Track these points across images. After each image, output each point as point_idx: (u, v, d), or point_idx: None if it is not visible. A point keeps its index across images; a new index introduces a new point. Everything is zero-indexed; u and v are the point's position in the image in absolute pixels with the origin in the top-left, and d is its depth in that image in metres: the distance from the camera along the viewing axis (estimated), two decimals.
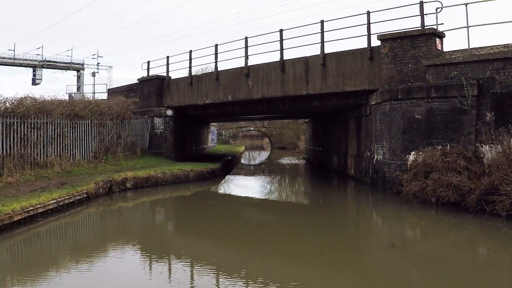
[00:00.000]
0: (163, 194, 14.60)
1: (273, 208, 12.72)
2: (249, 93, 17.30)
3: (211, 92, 18.99)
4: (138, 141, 20.81)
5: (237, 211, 12.07)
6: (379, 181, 13.79)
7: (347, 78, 14.62)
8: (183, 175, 15.67)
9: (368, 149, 15.25)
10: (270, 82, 16.55)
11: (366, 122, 15.60)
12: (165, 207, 12.87)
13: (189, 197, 14.58)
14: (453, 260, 6.69)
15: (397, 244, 7.44)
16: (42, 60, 51.46)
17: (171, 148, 21.37)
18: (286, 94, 16.12)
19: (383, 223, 10.50)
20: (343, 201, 14.21)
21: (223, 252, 7.48)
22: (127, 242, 8.29)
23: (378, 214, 11.52)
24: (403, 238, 8.48)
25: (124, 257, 7.15)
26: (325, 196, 14.79)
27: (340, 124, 20.36)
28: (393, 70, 13.25)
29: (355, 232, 9.56)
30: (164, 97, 21.66)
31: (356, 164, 16.91)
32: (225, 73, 18.38)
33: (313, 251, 7.39)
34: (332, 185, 17.97)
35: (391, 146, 12.87)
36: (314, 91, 15.34)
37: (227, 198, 14.60)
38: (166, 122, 21.31)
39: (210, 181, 17.03)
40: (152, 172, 14.77)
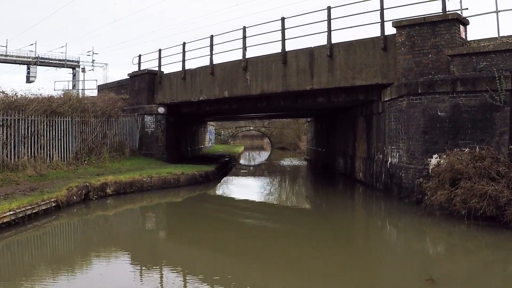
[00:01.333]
0: (150, 200, 12.95)
1: (272, 219, 11.05)
2: (247, 89, 15.65)
3: (205, 88, 17.34)
4: (127, 141, 19.16)
5: (233, 222, 10.41)
6: (393, 187, 12.13)
7: (357, 71, 12.96)
8: (172, 179, 14.01)
9: (380, 151, 13.59)
10: (270, 76, 14.90)
11: (377, 121, 13.94)
12: (151, 216, 11.21)
13: (179, 204, 12.93)
14: None
15: (436, 278, 5.63)
16: (35, 57, 49.82)
17: (163, 149, 19.71)
18: (288, 89, 14.46)
19: (406, 240, 8.81)
20: (352, 210, 12.56)
21: (219, 268, 5.84)
22: (98, 259, 6.65)
23: (397, 228, 9.86)
24: (441, 268, 6.54)
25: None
26: (331, 203, 13.14)
27: (347, 123, 18.70)
28: (410, 61, 11.62)
29: (372, 251, 7.91)
30: (156, 93, 20.01)
31: (366, 167, 15.25)
32: (221, 66, 16.73)
33: (322, 271, 5.76)
34: (338, 191, 16.31)
35: (409, 148, 11.22)
36: (319, 85, 13.68)
37: (222, 206, 12.94)
38: (157, 121, 19.66)
39: (203, 185, 15.37)
40: (137, 176, 13.11)
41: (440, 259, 7.31)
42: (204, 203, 12.99)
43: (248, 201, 13.85)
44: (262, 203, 13.50)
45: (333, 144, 21.88)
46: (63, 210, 10.19)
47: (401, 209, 11.10)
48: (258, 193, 15.30)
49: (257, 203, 13.45)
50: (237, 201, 13.71)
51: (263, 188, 16.86)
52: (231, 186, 17.23)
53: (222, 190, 15.95)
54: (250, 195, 14.83)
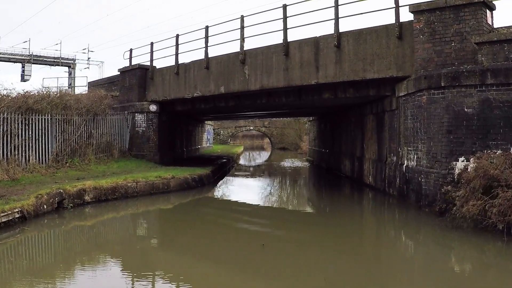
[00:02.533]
0: (135, 208, 11.54)
1: (273, 234, 9.62)
2: (245, 84, 14.21)
3: (200, 83, 15.91)
4: (116, 141, 17.74)
5: (230, 232, 8.96)
6: (410, 194, 10.70)
7: (368, 63, 11.54)
8: (161, 184, 12.56)
9: (394, 153, 12.16)
10: (270, 70, 13.47)
11: (390, 119, 12.51)
12: (137, 226, 9.77)
13: (169, 212, 11.50)
14: None
15: None
16: (29, 54, 48.33)
17: (155, 150, 18.28)
18: (290, 84, 13.03)
19: (427, 256, 7.35)
20: (362, 218, 11.14)
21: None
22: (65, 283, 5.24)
23: (415, 241, 8.45)
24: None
25: None
26: (337, 211, 11.71)
27: (354, 122, 17.26)
28: (430, 51, 10.19)
29: (385, 265, 6.49)
30: (148, 90, 18.59)
31: (376, 170, 13.81)
32: (216, 60, 15.30)
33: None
34: (345, 196, 14.87)
35: (430, 149, 9.78)
36: (325, 79, 12.25)
37: (217, 216, 11.51)
38: (149, 119, 18.23)
39: (196, 190, 13.91)
40: (121, 181, 11.67)
41: (470, 281, 5.93)
42: (198, 210, 11.55)
43: (246, 210, 12.42)
44: (261, 211, 12.06)
45: (338, 145, 20.43)
46: (31, 222, 8.74)
47: (420, 219, 9.70)
48: (256, 200, 13.86)
49: (255, 212, 12.02)
50: (234, 209, 12.30)
51: (262, 193, 15.41)
52: (227, 191, 15.78)
53: (217, 196, 14.51)
54: (248, 201, 13.40)
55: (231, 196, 14.56)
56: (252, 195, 14.57)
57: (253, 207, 12.48)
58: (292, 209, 12.85)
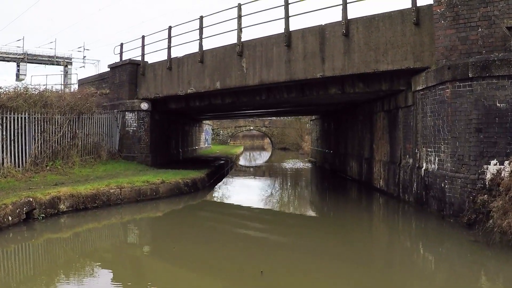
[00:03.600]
0: (119, 217, 10.26)
1: (276, 252, 8.32)
2: (242, 78, 12.92)
3: (194, 79, 14.61)
4: (104, 142, 16.45)
5: (223, 253, 7.67)
6: (431, 201, 9.39)
7: (381, 53, 10.24)
8: (149, 190, 11.24)
9: (410, 154, 10.85)
10: (271, 63, 12.17)
11: (405, 116, 11.20)
12: (120, 237, 8.48)
13: (158, 220, 10.20)
14: None
15: None
16: (23, 53, 47.01)
17: (147, 151, 16.99)
18: (292, 77, 11.73)
19: (453, 274, 6.03)
20: (372, 225, 9.84)
21: None
22: None
23: (438, 256, 7.15)
24: None
25: None
26: (346, 217, 10.38)
27: (362, 121, 15.94)
28: (453, 38, 8.90)
29: (400, 283, 5.22)
30: (139, 86, 17.30)
31: (388, 173, 12.49)
32: (212, 53, 14.00)
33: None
34: (353, 201, 13.55)
35: (455, 150, 8.48)
36: (332, 72, 10.95)
37: (209, 225, 10.21)
38: (140, 118, 16.93)
39: (189, 196, 12.59)
40: (102, 187, 10.36)
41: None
42: (190, 218, 10.24)
43: (243, 216, 11.13)
44: (260, 217, 10.76)
45: (343, 145, 19.12)
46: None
47: (442, 230, 8.44)
48: (255, 206, 12.56)
49: (254, 218, 10.72)
50: (228, 219, 11.00)
51: (261, 199, 14.09)
52: (223, 196, 14.43)
53: (211, 202, 13.19)
54: (245, 208, 12.10)
55: (227, 202, 13.23)
56: (250, 200, 13.26)
57: (251, 214, 11.18)
58: (295, 219, 11.54)
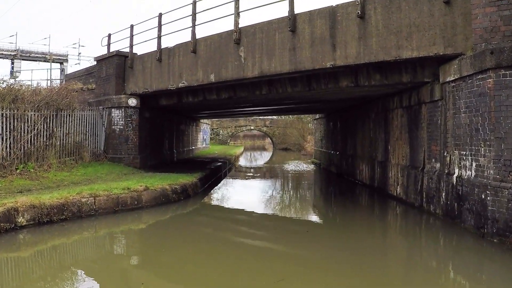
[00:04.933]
0: (93, 231, 8.66)
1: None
2: (240, 70, 11.29)
3: (186, 71, 12.99)
4: (88, 141, 14.86)
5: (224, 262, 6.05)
6: (465, 215, 7.75)
7: (404, 38, 8.60)
8: (129, 199, 9.59)
9: (437, 158, 9.20)
10: (272, 51, 10.54)
11: (431, 113, 9.56)
12: (92, 259, 6.86)
13: (138, 235, 8.57)
14: None
15: None
16: (15, 49, 45.39)
17: (135, 152, 15.37)
18: (298, 68, 10.09)
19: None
20: (387, 239, 8.17)
21: None
22: None
23: (478, 284, 5.54)
24: None
25: None
26: (358, 228, 8.72)
27: (374, 119, 14.27)
28: (495, 17, 7.28)
29: None
30: (127, 81, 15.68)
31: (408, 180, 10.85)
32: (206, 41, 12.37)
33: None
34: (364, 208, 11.90)
35: (501, 154, 6.85)
36: (345, 60, 9.31)
37: (198, 243, 8.57)
38: (127, 116, 15.32)
39: (178, 205, 10.92)
40: (73, 195, 8.72)
41: None
42: (178, 231, 8.63)
43: (238, 238, 9.51)
44: (257, 238, 9.13)
45: (352, 146, 17.47)
46: None
47: (482, 252, 6.89)
48: (252, 220, 10.92)
49: (248, 240, 9.09)
50: (225, 234, 9.36)
51: (260, 209, 12.44)
52: (217, 205, 12.75)
53: (203, 212, 11.53)
54: (242, 222, 10.47)
55: (221, 211, 11.55)
56: (248, 209, 11.63)
57: (247, 230, 9.55)
58: (302, 245, 9.89)
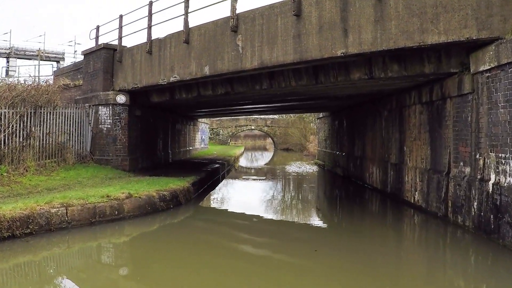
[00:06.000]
0: (66, 246, 7.38)
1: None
2: (238, 61, 10.00)
3: (178, 64, 11.71)
4: (72, 142, 13.60)
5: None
6: (505, 230, 6.45)
7: (429, 20, 7.31)
8: (109, 208, 8.29)
9: (467, 161, 7.90)
10: (274, 39, 9.25)
11: (458, 109, 8.26)
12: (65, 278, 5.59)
13: (119, 250, 7.29)
14: None
15: None
16: (10, 47, 44.15)
17: (124, 153, 14.09)
18: (303, 57, 8.79)
19: None
20: (408, 254, 6.87)
21: None
22: None
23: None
24: None
25: None
26: (368, 237, 7.44)
27: (386, 117, 12.94)
28: None
29: None
30: (116, 76, 14.42)
31: (429, 185, 9.54)
32: (199, 30, 11.09)
33: None
34: (375, 215, 10.60)
35: None
36: (359, 48, 8.01)
37: (189, 264, 7.29)
38: (115, 114, 14.04)
39: (166, 214, 9.62)
40: (40, 206, 7.43)
41: None
42: (170, 244, 7.36)
43: (234, 261, 8.23)
44: (256, 261, 7.85)
45: (360, 147, 16.17)
46: None
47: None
48: (251, 233, 9.65)
49: (246, 264, 7.81)
50: (220, 250, 8.08)
51: (260, 220, 11.17)
52: (211, 214, 11.40)
53: (196, 224, 10.23)
54: (236, 239, 9.19)
55: (215, 225, 10.24)
56: (245, 219, 10.36)
57: (245, 249, 8.27)
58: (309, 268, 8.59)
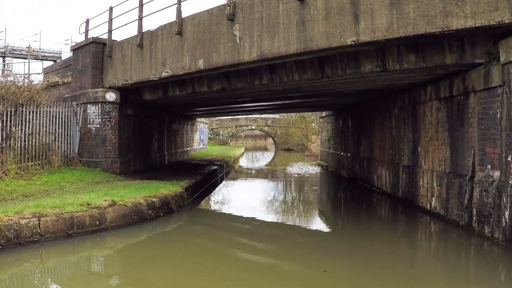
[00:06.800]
0: (39, 262, 6.41)
1: None
2: (235, 53, 9.03)
3: (171, 57, 10.75)
4: (58, 142, 12.65)
5: None
6: None
7: (452, 2, 6.34)
8: (88, 218, 7.30)
9: (495, 164, 6.91)
10: (275, 27, 8.28)
11: (484, 104, 7.28)
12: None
13: (102, 265, 6.33)
14: None
15: None
16: (5, 46, 43.16)
17: (114, 155, 13.13)
18: (308, 47, 7.82)
19: None
20: (425, 266, 5.91)
21: None
22: None
23: None
24: None
25: None
26: (378, 245, 6.48)
27: (398, 115, 11.96)
28: None
29: None
30: (105, 72, 13.47)
31: (448, 190, 8.56)
32: (193, 20, 10.13)
33: None
34: (385, 221, 9.63)
35: None
36: (372, 35, 7.04)
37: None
38: (105, 113, 13.09)
39: (155, 223, 8.60)
40: (8, 216, 6.45)
41: None
42: (162, 256, 6.41)
43: (230, 282, 7.27)
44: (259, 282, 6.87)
45: (367, 147, 15.19)
46: None
47: None
48: (251, 248, 8.68)
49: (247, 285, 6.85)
50: (213, 265, 7.11)
51: (261, 235, 10.20)
52: (206, 225, 10.40)
53: (186, 237, 9.25)
54: (232, 259, 8.23)
55: (207, 239, 9.25)
56: (244, 230, 9.40)
57: (245, 266, 7.31)
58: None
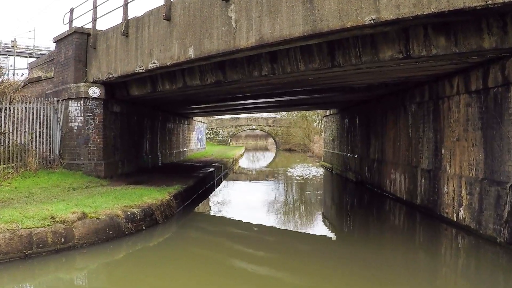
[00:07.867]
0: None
1: None
2: (230, 37, 7.75)
3: (158, 46, 9.48)
4: (36, 143, 11.41)
5: None
6: None
7: None
8: (52, 235, 5.98)
9: None
10: (277, 6, 7.00)
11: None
12: None
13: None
14: None
15: None
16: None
17: (98, 157, 11.86)
18: (317, 29, 6.52)
19: None
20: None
21: None
22: None
23: None
24: None
25: None
26: (392, 262, 5.23)
27: (415, 112, 10.64)
28: None
29: None
30: (89, 65, 12.20)
31: (481, 200, 7.27)
32: (183, 3, 8.84)
33: None
34: (403, 234, 8.34)
35: None
36: (397, 12, 5.75)
37: None
38: (87, 110, 11.82)
39: (135, 238, 7.34)
40: None
41: None
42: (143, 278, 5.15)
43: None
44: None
45: (377, 148, 13.89)
46: None
47: None
48: (250, 269, 7.41)
49: None
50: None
51: (262, 251, 8.92)
52: (196, 241, 9.11)
53: (174, 254, 7.99)
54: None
55: (200, 255, 8.00)
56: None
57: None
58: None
